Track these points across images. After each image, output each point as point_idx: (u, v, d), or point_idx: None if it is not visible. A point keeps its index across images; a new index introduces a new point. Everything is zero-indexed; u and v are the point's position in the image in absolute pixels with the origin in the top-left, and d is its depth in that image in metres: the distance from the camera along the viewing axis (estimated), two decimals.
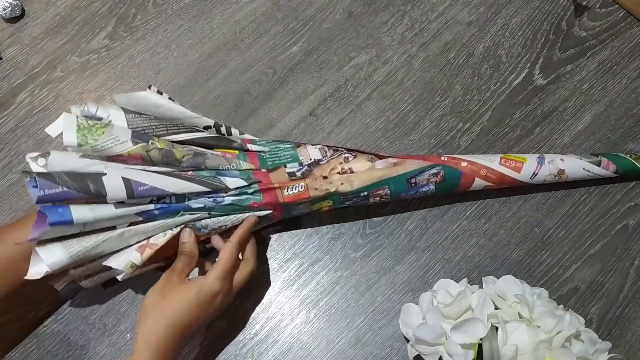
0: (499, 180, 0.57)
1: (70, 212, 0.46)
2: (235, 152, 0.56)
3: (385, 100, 0.66)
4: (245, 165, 0.54)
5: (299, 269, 0.60)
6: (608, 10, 0.69)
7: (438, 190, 0.57)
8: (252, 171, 0.54)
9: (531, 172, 0.57)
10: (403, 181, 0.56)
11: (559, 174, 0.58)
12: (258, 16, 0.70)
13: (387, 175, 0.55)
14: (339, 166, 0.55)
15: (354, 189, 0.54)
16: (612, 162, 0.59)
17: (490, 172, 0.57)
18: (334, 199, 0.55)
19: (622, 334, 0.57)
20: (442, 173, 0.56)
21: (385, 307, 0.58)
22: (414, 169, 0.56)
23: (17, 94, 0.67)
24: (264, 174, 0.54)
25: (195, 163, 0.53)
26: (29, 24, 0.70)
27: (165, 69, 0.68)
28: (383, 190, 0.56)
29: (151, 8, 0.71)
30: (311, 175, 0.55)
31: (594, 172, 0.58)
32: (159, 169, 0.52)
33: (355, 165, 0.56)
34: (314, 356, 0.57)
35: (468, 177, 0.57)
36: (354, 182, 0.54)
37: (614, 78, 0.66)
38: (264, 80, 0.67)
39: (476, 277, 0.59)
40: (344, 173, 0.55)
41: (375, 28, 0.69)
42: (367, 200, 0.56)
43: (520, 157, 0.58)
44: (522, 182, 0.58)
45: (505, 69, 0.67)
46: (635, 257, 0.60)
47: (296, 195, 0.54)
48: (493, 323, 0.48)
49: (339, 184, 0.54)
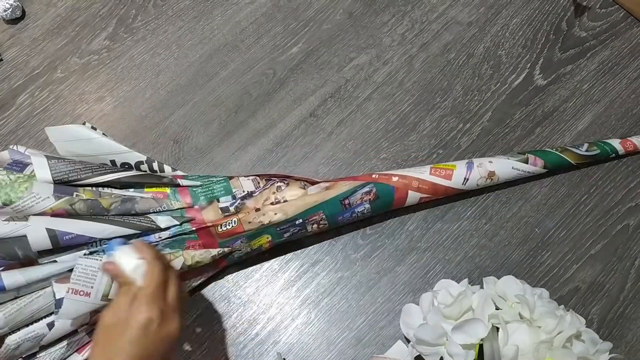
0: (433, 190, 0.57)
1: (1, 279, 0.47)
2: (167, 190, 0.56)
3: (386, 101, 0.66)
4: (177, 204, 0.54)
5: (299, 270, 0.60)
6: (608, 10, 0.69)
7: (375, 209, 0.57)
8: (184, 209, 0.54)
9: (462, 177, 0.58)
10: (337, 203, 0.56)
11: (489, 176, 0.58)
12: (258, 17, 0.70)
13: (320, 199, 0.55)
14: (272, 196, 0.56)
15: (289, 217, 0.54)
16: (539, 157, 0.59)
17: (422, 184, 0.57)
18: (271, 232, 0.55)
19: (623, 334, 0.57)
20: (375, 190, 0.56)
21: (386, 307, 0.58)
22: (346, 190, 0.56)
23: (18, 95, 0.67)
24: (197, 211, 0.55)
25: (124, 210, 0.52)
26: (30, 25, 0.70)
27: (165, 69, 0.68)
28: (318, 216, 0.55)
29: (151, 9, 0.71)
30: (245, 209, 0.55)
31: (523, 170, 0.59)
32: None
33: (288, 194, 0.56)
34: (315, 357, 0.57)
35: (401, 191, 0.57)
36: (287, 211, 0.55)
37: (614, 78, 0.66)
38: (264, 81, 0.67)
39: (477, 277, 0.59)
40: (277, 203, 0.55)
41: (376, 29, 0.69)
42: (304, 229, 0.56)
43: (449, 164, 0.59)
44: (455, 189, 0.58)
45: (505, 70, 0.67)
46: (636, 257, 0.60)
47: (230, 230, 0.54)
48: (494, 323, 0.48)
49: (272, 215, 0.54)
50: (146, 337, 0.40)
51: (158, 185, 0.56)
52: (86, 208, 0.51)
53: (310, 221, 0.56)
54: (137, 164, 0.58)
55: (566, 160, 0.60)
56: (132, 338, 0.40)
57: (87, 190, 0.53)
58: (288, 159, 0.64)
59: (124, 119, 0.66)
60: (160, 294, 0.42)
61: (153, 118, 0.66)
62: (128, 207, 0.52)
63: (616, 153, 0.61)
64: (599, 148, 0.60)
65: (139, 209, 0.53)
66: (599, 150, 0.60)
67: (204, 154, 0.64)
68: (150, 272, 0.43)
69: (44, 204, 0.50)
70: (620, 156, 0.62)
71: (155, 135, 0.65)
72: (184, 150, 0.64)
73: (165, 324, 0.41)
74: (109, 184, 0.55)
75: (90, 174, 0.54)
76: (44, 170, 0.52)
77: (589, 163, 0.62)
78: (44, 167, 0.52)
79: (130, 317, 0.40)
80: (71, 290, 0.46)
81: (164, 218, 0.53)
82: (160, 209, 0.54)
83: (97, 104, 0.67)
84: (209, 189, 0.56)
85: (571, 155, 0.60)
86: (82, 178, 0.53)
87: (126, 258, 0.44)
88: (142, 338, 0.40)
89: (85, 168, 0.54)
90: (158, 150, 0.64)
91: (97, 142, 0.56)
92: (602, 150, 0.60)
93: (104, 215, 0.52)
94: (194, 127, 0.65)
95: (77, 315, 0.48)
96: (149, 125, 0.66)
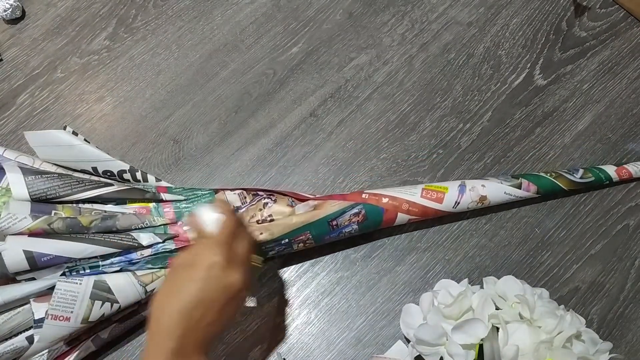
0: (422, 212, 0.57)
1: None
2: (149, 204, 0.54)
3: (386, 101, 0.66)
4: (160, 220, 0.53)
5: (299, 270, 0.60)
6: (608, 10, 0.69)
7: (362, 229, 0.56)
8: (167, 226, 0.53)
9: (453, 201, 0.57)
10: (324, 224, 0.54)
11: (480, 200, 0.57)
12: (258, 17, 0.70)
13: (307, 220, 0.54)
14: (258, 213, 0.55)
15: (275, 237, 0.54)
16: (532, 183, 0.58)
17: (412, 206, 0.56)
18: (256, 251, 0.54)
19: (623, 334, 0.57)
20: (364, 212, 0.55)
21: (386, 307, 0.58)
22: (335, 211, 0.54)
23: (18, 95, 0.67)
24: (180, 227, 0.54)
25: (105, 227, 0.51)
26: (30, 25, 0.70)
27: (165, 69, 0.68)
28: (305, 236, 0.55)
29: (152, 9, 0.71)
30: None
31: (515, 195, 0.58)
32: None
33: (275, 211, 0.55)
34: (315, 357, 0.57)
35: (390, 213, 0.56)
36: (274, 231, 0.54)
37: (614, 78, 0.66)
38: (264, 81, 0.67)
39: (477, 277, 0.59)
40: (263, 221, 0.54)
41: (376, 29, 0.69)
42: (290, 247, 0.55)
43: (441, 186, 0.57)
44: (445, 212, 0.57)
45: (505, 70, 0.67)
46: (636, 257, 0.60)
47: None
48: (494, 323, 0.48)
49: (258, 234, 0.53)
50: (208, 280, 0.42)
51: (141, 200, 0.55)
52: (65, 227, 0.50)
53: (296, 241, 0.55)
54: (119, 172, 0.57)
55: (559, 187, 0.59)
56: (195, 277, 0.42)
57: (66, 207, 0.52)
58: (288, 159, 0.64)
59: (124, 119, 0.66)
60: (228, 242, 0.44)
61: (153, 118, 0.66)
62: (109, 225, 0.51)
63: (610, 180, 0.60)
64: (593, 175, 0.60)
65: (120, 225, 0.51)
66: (594, 178, 0.60)
67: (204, 153, 0.64)
68: (224, 223, 0.45)
69: (21, 224, 0.49)
70: (615, 183, 0.61)
71: (155, 135, 0.65)
72: (184, 150, 0.64)
73: (228, 272, 0.43)
74: (89, 200, 0.53)
75: (69, 191, 0.52)
76: (21, 187, 0.51)
77: (581, 190, 0.61)
78: (20, 184, 0.51)
79: (197, 258, 0.43)
80: (50, 316, 0.46)
81: (146, 235, 0.52)
82: (143, 225, 0.52)
83: (97, 104, 0.67)
84: (193, 204, 0.55)
85: (565, 182, 0.59)
86: (61, 196, 0.52)
87: (206, 213, 0.46)
88: (204, 280, 0.42)
89: (64, 185, 0.52)
90: (158, 150, 0.64)
91: (78, 148, 0.55)
92: (597, 178, 0.60)
93: (84, 233, 0.50)
94: (194, 127, 0.65)
95: (56, 339, 0.47)
96: (149, 125, 0.66)
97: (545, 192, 0.59)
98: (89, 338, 0.53)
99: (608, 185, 0.62)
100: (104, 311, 0.49)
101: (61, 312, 0.47)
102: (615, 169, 0.60)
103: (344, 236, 0.57)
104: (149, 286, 0.51)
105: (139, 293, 0.51)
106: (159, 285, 0.48)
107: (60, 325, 0.47)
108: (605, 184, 0.61)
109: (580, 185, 0.60)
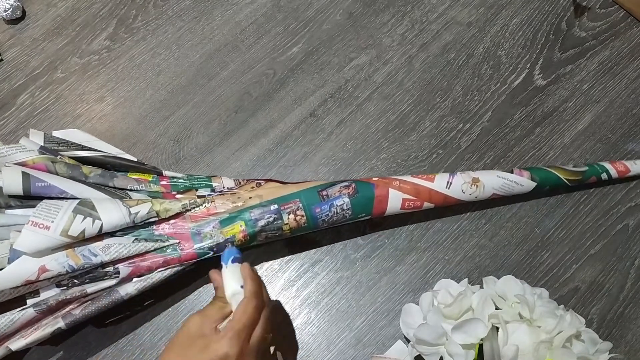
0: (415, 191, 0.56)
1: None
2: (149, 177, 0.56)
3: (386, 101, 0.66)
4: (156, 187, 0.55)
5: (299, 270, 0.60)
6: (608, 10, 0.70)
7: (355, 205, 0.55)
8: (162, 193, 0.55)
9: (445, 181, 0.57)
10: (314, 193, 0.55)
11: (473, 182, 0.57)
12: (258, 17, 0.70)
13: (297, 189, 0.55)
14: (250, 189, 0.56)
15: (263, 201, 0.54)
16: (524, 170, 0.59)
17: (402, 183, 0.56)
18: (244, 219, 0.54)
19: (622, 334, 0.57)
20: (354, 185, 0.56)
21: (386, 307, 0.58)
22: (325, 183, 0.56)
23: (18, 95, 0.67)
24: (173, 196, 0.55)
25: (102, 181, 0.54)
26: (30, 25, 0.70)
27: (165, 70, 0.68)
28: (295, 204, 0.54)
29: (152, 9, 0.71)
30: (220, 197, 0.56)
31: (508, 179, 0.58)
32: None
33: (266, 186, 0.57)
34: (315, 356, 0.57)
35: (381, 188, 0.56)
36: (263, 195, 0.55)
37: (614, 78, 0.67)
38: (264, 81, 0.67)
39: (477, 277, 0.59)
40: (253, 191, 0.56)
41: (376, 29, 0.69)
42: (280, 217, 0.54)
43: (431, 174, 0.59)
44: (439, 192, 0.57)
45: (505, 70, 0.67)
46: (635, 257, 0.60)
47: (203, 212, 0.54)
48: (494, 323, 0.48)
49: (247, 197, 0.55)
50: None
51: (142, 171, 0.57)
52: (66, 169, 0.53)
53: (286, 209, 0.54)
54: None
55: (553, 174, 0.59)
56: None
57: (70, 159, 0.55)
58: (288, 159, 0.64)
59: (124, 119, 0.66)
60: (246, 334, 0.42)
61: (153, 118, 0.66)
62: (106, 180, 0.54)
63: (607, 173, 0.60)
64: (588, 166, 0.60)
65: (118, 184, 0.54)
66: (587, 167, 0.60)
67: (205, 153, 0.64)
68: (244, 308, 0.43)
69: (27, 154, 0.53)
70: (614, 181, 0.61)
71: (155, 135, 0.65)
72: (184, 150, 0.64)
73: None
74: (94, 161, 0.56)
75: (80, 149, 0.57)
76: (38, 136, 0.56)
77: (578, 181, 0.60)
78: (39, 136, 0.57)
79: (211, 343, 0.41)
80: (31, 222, 0.47)
81: (139, 195, 0.54)
82: (139, 188, 0.55)
83: (97, 104, 0.67)
84: (189, 181, 0.57)
85: (559, 170, 0.59)
86: (70, 149, 0.56)
87: (231, 277, 0.45)
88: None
89: (75, 145, 0.58)
90: (158, 150, 0.64)
91: (93, 143, 0.59)
92: (591, 169, 0.60)
93: (82, 179, 0.53)
94: (194, 127, 0.65)
95: (34, 249, 0.47)
96: (149, 125, 0.66)
97: (540, 180, 0.58)
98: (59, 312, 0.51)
99: (607, 182, 0.62)
100: (85, 226, 0.49)
101: (42, 220, 0.47)
102: (611, 161, 0.61)
103: (337, 215, 0.55)
104: (133, 209, 0.51)
105: (123, 214, 0.51)
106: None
107: (40, 232, 0.47)
108: (603, 178, 0.60)
109: (577, 175, 0.59)
